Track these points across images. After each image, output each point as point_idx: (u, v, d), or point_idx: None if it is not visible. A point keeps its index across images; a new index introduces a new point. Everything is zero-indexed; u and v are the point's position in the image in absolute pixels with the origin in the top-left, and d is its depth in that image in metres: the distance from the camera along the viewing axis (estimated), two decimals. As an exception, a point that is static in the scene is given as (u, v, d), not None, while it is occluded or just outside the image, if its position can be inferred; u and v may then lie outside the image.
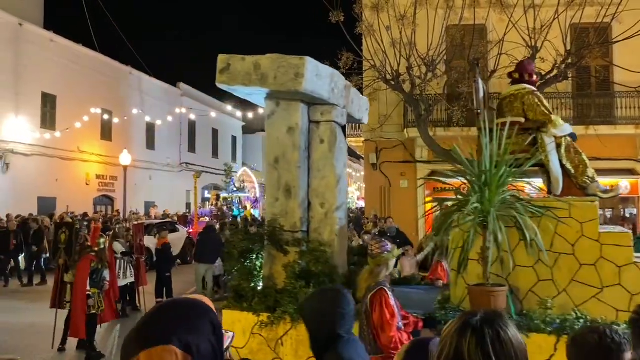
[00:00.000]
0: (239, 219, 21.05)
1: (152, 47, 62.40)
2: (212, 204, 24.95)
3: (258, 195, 28.03)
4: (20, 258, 15.16)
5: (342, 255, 6.00)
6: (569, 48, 11.45)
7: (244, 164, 36.10)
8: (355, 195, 57.08)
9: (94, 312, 7.84)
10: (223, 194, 27.47)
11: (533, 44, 11.05)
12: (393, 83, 11.90)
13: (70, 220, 18.32)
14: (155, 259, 13.19)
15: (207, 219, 22.24)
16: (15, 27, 20.45)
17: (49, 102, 22.15)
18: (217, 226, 15.63)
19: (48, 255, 15.29)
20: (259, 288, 5.52)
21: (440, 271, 7.06)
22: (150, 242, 13.89)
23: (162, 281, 11.66)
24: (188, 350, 1.31)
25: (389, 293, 3.95)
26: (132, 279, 10.26)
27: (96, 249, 8.28)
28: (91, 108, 23.27)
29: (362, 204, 46.32)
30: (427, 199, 17.31)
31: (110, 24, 41.13)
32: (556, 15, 11.03)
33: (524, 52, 11.25)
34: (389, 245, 4.22)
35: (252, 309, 5.20)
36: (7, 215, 16.54)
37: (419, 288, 6.56)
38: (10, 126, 20.05)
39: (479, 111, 5.69)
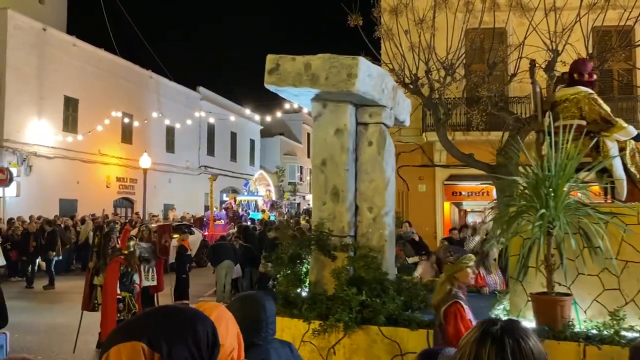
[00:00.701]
0: (256, 222, 21.10)
1: (171, 51, 63.11)
2: (227, 207, 24.98)
3: (274, 198, 28.04)
4: (37, 260, 15.33)
5: (391, 261, 5.86)
6: (590, 51, 11.30)
7: (261, 167, 36.24)
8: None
9: (122, 317, 7.59)
10: (239, 197, 27.56)
11: (554, 48, 10.92)
12: (412, 87, 11.84)
13: (90, 222, 18.59)
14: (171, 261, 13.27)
15: (223, 221, 22.32)
16: (39, 32, 20.85)
17: (71, 106, 22.52)
18: (234, 230, 15.70)
19: (59, 257, 15.33)
20: (304, 294, 5.38)
21: (479, 278, 6.80)
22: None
23: (178, 283, 11.72)
24: (157, 349, 1.34)
25: (465, 307, 3.74)
26: (154, 282, 9.56)
27: (126, 251, 8.07)
28: (112, 111, 23.62)
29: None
30: (446, 204, 17.22)
31: (131, 28, 41.75)
32: (578, 19, 10.88)
33: (545, 55, 11.13)
34: (464, 255, 4.00)
35: (303, 316, 5.01)
36: (30, 217, 16.84)
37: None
38: (33, 129, 20.43)
39: (537, 114, 5.55)
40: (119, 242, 8.43)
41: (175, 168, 29.39)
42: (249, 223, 19.82)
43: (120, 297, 7.73)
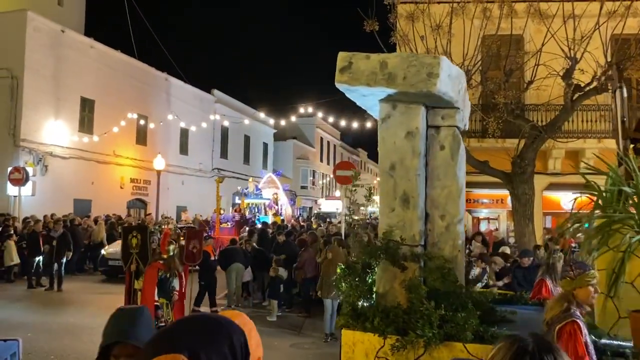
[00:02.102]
0: (268, 224, 20.88)
1: (187, 54, 63.58)
2: (235, 210, 24.78)
3: (282, 201, 27.79)
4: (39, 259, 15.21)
5: (462, 272, 5.57)
6: (609, 59, 11.17)
7: (274, 171, 36.26)
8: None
9: (161, 324, 7.21)
10: (246, 200, 27.30)
11: (572, 55, 10.81)
12: (427, 93, 11.78)
13: (103, 223, 18.68)
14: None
15: (229, 224, 22.16)
16: (58, 34, 21.09)
17: (87, 107, 22.73)
18: (246, 233, 15.66)
19: (66, 259, 14.98)
20: (366, 305, 5.07)
21: (544, 291, 6.38)
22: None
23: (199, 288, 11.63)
24: None
25: (583, 327, 3.40)
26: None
27: (165, 256, 7.71)
28: (127, 113, 23.79)
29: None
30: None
31: (147, 31, 42.10)
32: (597, 26, 10.77)
33: (563, 63, 11.02)
34: (587, 271, 3.62)
35: (377, 330, 4.67)
36: (44, 216, 16.97)
37: (527, 308, 5.93)
38: (50, 129, 20.63)
39: (625, 119, 5.37)
40: (160, 246, 8.04)
41: (188, 170, 29.53)
42: (259, 226, 19.73)
43: (158, 303, 7.39)
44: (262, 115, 32.43)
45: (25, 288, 13.96)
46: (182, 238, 10.74)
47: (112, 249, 15.88)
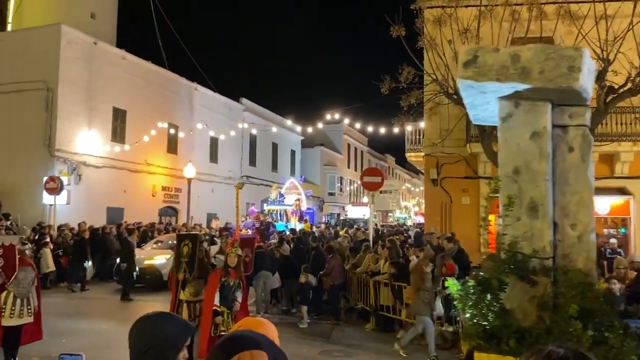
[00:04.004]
0: (286, 232, 20.76)
1: (216, 63, 64.52)
2: (255, 217, 24.69)
3: (304, 207, 27.60)
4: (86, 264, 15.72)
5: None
6: (644, 60, 10.88)
7: (300, 177, 36.35)
8: (412, 211, 56.43)
9: (220, 333, 6.91)
10: (267, 206, 27.15)
11: (605, 57, 10.57)
12: (455, 97, 11.67)
13: (136, 230, 18.98)
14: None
15: (250, 232, 22.12)
16: (90, 46, 21.63)
17: (119, 117, 23.21)
18: (276, 241, 15.69)
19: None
20: (486, 326, 4.60)
21: None
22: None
23: None
24: None
25: None
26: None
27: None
28: (158, 122, 24.22)
29: (419, 219, 45.78)
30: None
31: (176, 40, 42.83)
32: (630, 26, 10.51)
33: (595, 64, 10.77)
34: None
35: (516, 353, 4.18)
36: (79, 224, 17.36)
37: None
38: (83, 139, 21.13)
39: None
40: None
41: (217, 178, 29.84)
42: (287, 232, 19.74)
43: (217, 309, 7.20)
44: (289, 122, 32.59)
45: (64, 293, 14.30)
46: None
47: None
